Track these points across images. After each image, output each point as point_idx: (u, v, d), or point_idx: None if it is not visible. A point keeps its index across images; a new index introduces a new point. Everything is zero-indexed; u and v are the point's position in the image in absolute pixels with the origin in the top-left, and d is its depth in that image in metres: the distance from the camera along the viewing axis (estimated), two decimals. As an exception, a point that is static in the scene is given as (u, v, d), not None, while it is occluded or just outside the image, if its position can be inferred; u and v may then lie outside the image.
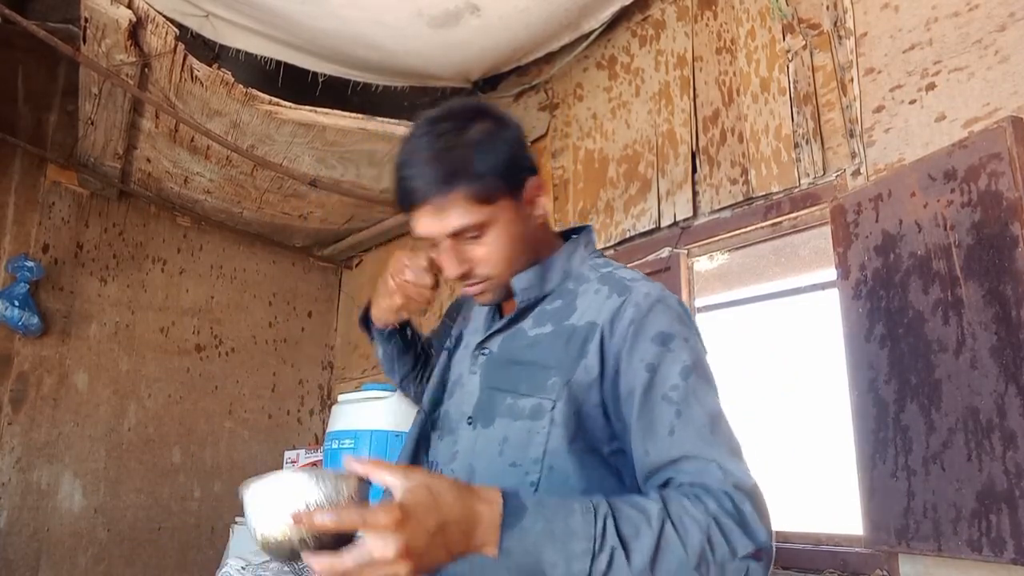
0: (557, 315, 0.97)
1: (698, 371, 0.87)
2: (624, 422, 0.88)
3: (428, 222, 0.93)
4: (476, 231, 0.93)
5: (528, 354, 0.97)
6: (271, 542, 0.71)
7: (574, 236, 1.08)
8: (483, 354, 1.03)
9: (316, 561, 0.67)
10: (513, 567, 0.70)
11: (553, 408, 0.90)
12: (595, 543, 0.70)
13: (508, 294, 1.01)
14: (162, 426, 3.54)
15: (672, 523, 0.73)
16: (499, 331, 1.02)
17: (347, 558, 0.65)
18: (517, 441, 0.92)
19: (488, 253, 0.95)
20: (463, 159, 0.90)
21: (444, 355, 1.15)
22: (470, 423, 0.98)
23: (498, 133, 0.95)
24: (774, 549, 0.77)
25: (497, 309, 1.08)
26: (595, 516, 0.72)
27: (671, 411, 0.84)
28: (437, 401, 1.10)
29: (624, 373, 0.88)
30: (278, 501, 0.71)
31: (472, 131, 0.93)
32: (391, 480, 0.70)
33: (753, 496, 0.77)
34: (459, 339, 1.15)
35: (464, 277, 0.97)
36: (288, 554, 0.71)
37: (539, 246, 1.01)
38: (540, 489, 0.88)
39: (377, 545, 0.64)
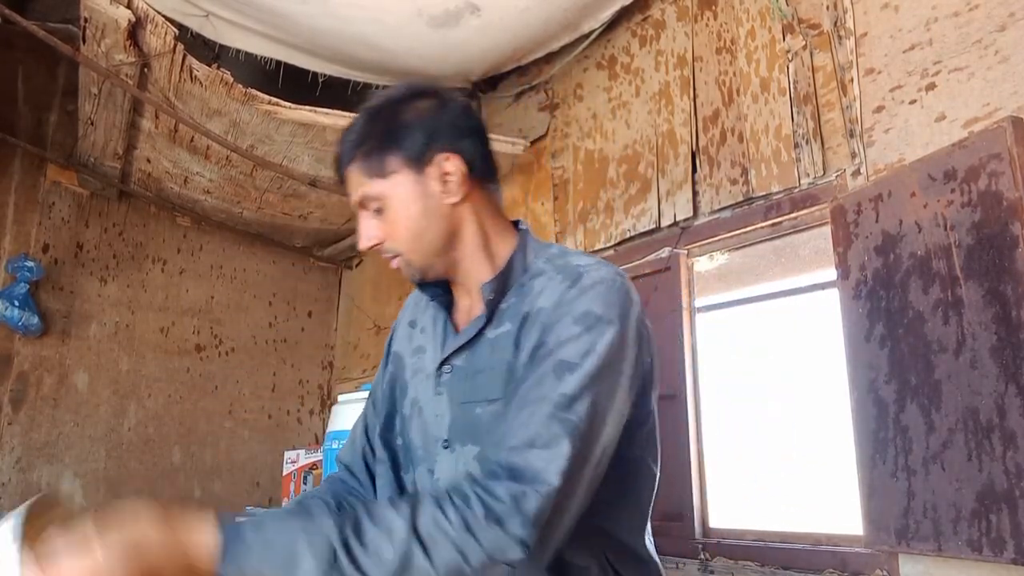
0: (514, 311, 0.92)
1: (600, 355, 0.82)
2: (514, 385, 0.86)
3: (348, 188, 0.96)
4: (376, 203, 0.93)
5: (489, 359, 0.92)
6: None
7: (521, 227, 1.02)
8: (447, 372, 0.96)
9: None
10: None
11: None
12: (327, 566, 0.70)
13: (434, 280, 0.98)
14: (162, 426, 3.53)
15: (419, 540, 0.72)
16: (464, 345, 0.96)
17: None
18: None
19: (389, 227, 0.94)
20: (362, 132, 0.93)
21: (386, 384, 1.09)
22: (447, 447, 0.93)
23: (407, 107, 0.94)
24: (540, 538, 0.74)
25: (448, 321, 1.02)
26: (328, 539, 0.70)
27: (549, 387, 0.80)
28: (389, 437, 1.05)
29: (538, 347, 0.85)
30: None
31: (384, 107, 0.95)
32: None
33: (537, 493, 0.74)
34: (401, 360, 1.08)
35: (376, 250, 0.96)
36: None
37: (453, 235, 0.95)
38: None
39: None
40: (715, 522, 2.21)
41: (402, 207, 0.92)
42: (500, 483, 0.75)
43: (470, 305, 0.99)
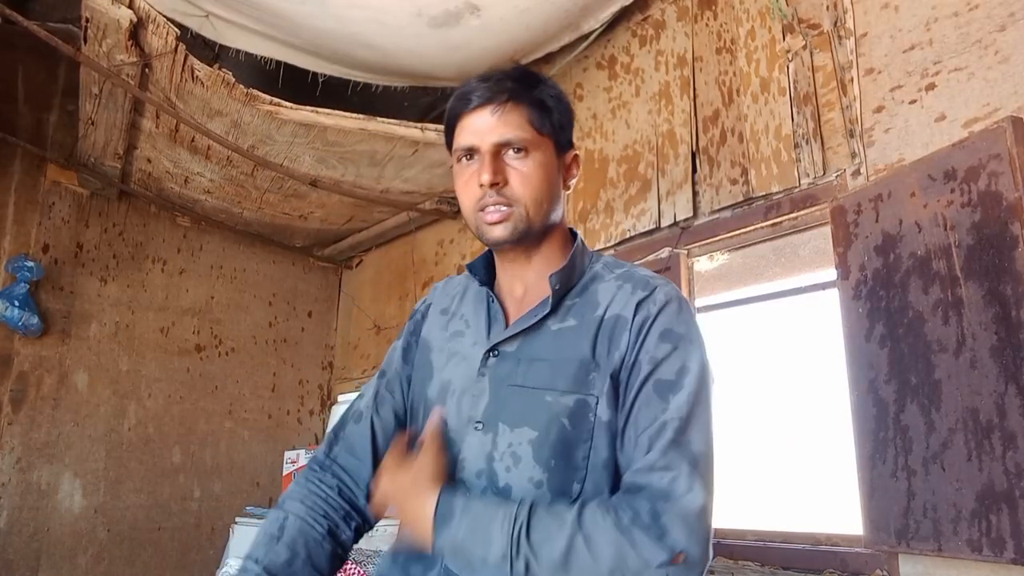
0: (580, 309, 0.97)
1: (694, 373, 0.90)
2: (621, 408, 0.92)
3: (485, 121, 0.97)
4: (522, 149, 0.97)
5: (554, 350, 0.95)
6: None
7: (576, 233, 1.09)
8: (494, 356, 0.98)
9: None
10: (451, 556, 0.87)
11: (597, 404, 0.90)
12: (511, 550, 0.82)
13: (525, 242, 0.99)
14: (162, 426, 3.54)
15: (583, 535, 0.80)
16: (519, 333, 0.98)
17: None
18: (559, 440, 0.90)
19: (524, 175, 0.97)
20: (536, 88, 0.99)
21: (421, 365, 1.08)
22: (478, 428, 0.95)
23: (564, 97, 1.04)
24: (707, 553, 0.83)
25: (499, 308, 1.03)
26: (513, 524, 0.83)
27: (659, 409, 0.88)
28: (416, 417, 1.05)
29: (632, 366, 0.91)
30: None
31: (550, 83, 1.03)
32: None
33: (682, 508, 0.82)
34: (427, 345, 1.09)
35: (493, 189, 0.95)
36: None
37: (555, 218, 1.02)
38: (585, 488, 0.89)
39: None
40: (715, 522, 2.20)
41: (541, 168, 0.98)
42: (637, 498, 0.83)
43: (523, 295, 1.03)
